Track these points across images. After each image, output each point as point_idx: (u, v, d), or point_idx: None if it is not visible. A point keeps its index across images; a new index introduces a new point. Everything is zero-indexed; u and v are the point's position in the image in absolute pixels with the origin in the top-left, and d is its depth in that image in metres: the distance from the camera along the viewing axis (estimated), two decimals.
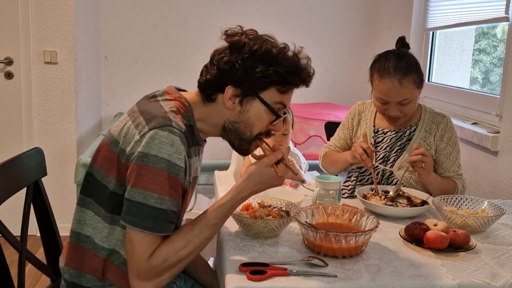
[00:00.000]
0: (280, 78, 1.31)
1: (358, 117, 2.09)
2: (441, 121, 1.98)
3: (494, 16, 2.50)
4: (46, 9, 3.15)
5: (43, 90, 3.24)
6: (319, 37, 4.05)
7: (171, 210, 1.25)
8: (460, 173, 1.97)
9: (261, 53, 1.30)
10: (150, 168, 1.21)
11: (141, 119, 1.28)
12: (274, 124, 1.37)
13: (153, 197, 1.21)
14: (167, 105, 1.32)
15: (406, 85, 1.83)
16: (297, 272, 1.23)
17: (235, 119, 1.35)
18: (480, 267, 1.31)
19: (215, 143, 1.71)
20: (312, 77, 1.37)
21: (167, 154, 1.22)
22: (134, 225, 1.22)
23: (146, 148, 1.21)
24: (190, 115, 1.35)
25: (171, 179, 1.23)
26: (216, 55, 1.34)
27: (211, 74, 1.33)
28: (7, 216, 1.75)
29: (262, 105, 1.33)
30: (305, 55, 1.36)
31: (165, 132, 1.23)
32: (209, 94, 1.35)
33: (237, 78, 1.30)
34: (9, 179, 1.44)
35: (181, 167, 1.24)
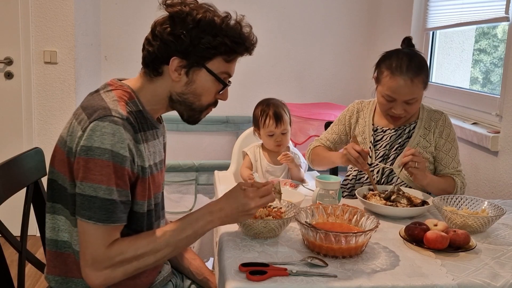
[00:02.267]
0: (226, 48, 1.31)
1: (357, 115, 2.09)
2: (439, 118, 1.99)
3: (494, 16, 2.50)
4: (46, 9, 3.15)
5: (43, 90, 3.24)
6: (319, 37, 4.05)
7: (119, 200, 1.23)
8: (459, 169, 1.98)
9: (205, 23, 1.29)
10: (96, 160, 1.20)
11: (83, 115, 1.27)
12: (221, 93, 1.38)
13: (102, 189, 1.20)
14: (108, 96, 1.31)
15: (417, 84, 1.84)
16: (297, 272, 1.23)
17: (182, 90, 1.34)
18: (480, 267, 1.31)
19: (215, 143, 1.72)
20: (255, 45, 1.38)
21: (110, 144, 1.20)
22: (88, 218, 1.21)
23: (88, 140, 1.21)
24: (135, 101, 1.34)
25: (116, 168, 1.21)
26: (157, 26, 1.32)
27: (154, 47, 1.32)
28: (7, 216, 1.75)
29: (209, 75, 1.33)
30: (247, 23, 1.36)
31: (105, 123, 1.21)
32: (155, 68, 1.33)
33: (182, 49, 1.29)
34: (9, 179, 1.44)
35: (125, 156, 1.23)
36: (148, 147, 1.34)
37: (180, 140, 3.98)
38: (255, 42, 1.37)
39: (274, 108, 2.28)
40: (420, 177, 1.80)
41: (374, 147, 2.01)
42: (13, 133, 3.25)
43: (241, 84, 3.99)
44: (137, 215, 1.32)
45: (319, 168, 2.18)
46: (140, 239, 1.27)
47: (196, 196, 3.24)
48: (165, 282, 1.50)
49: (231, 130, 4.01)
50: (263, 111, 2.29)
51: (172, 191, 3.24)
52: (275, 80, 4.04)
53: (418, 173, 1.79)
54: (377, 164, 1.98)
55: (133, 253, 1.24)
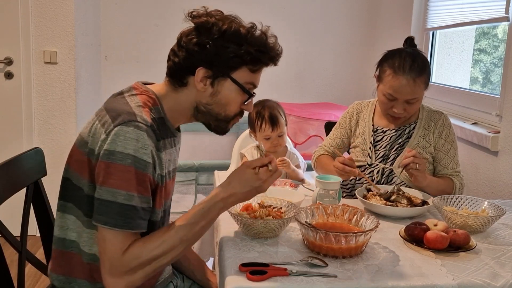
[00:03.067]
0: (251, 57, 1.31)
1: (356, 116, 2.09)
2: (439, 118, 1.99)
3: (494, 16, 2.50)
4: (46, 9, 3.15)
5: (43, 90, 3.24)
6: (319, 37, 4.05)
7: (140, 207, 1.23)
8: (458, 170, 1.98)
9: (231, 33, 1.28)
10: (117, 165, 1.19)
11: (107, 117, 1.26)
12: (246, 104, 1.37)
13: (121, 194, 1.20)
14: (133, 100, 1.30)
15: (419, 84, 1.85)
16: (297, 272, 1.23)
17: (207, 101, 1.34)
18: (480, 267, 1.31)
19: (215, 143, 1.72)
20: (280, 55, 1.38)
21: (133, 149, 1.20)
22: (105, 224, 1.20)
23: (111, 145, 1.20)
24: (158, 108, 1.33)
25: (138, 174, 1.21)
26: (183, 37, 1.32)
27: (180, 57, 1.31)
28: (7, 216, 1.75)
29: (234, 85, 1.32)
30: (272, 33, 1.36)
31: (130, 128, 1.21)
32: (179, 78, 1.33)
33: (208, 59, 1.29)
34: (9, 179, 1.44)
35: (148, 162, 1.23)
36: (165, 155, 1.34)
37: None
38: (281, 52, 1.37)
39: (270, 111, 2.27)
40: (420, 178, 1.80)
41: (374, 148, 2.01)
42: (13, 133, 3.25)
43: None
44: (152, 223, 1.32)
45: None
46: (153, 240, 1.25)
47: (196, 196, 3.24)
48: (166, 283, 1.50)
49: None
50: (259, 114, 2.28)
51: None
52: (275, 80, 4.04)
53: (418, 175, 1.79)
54: (377, 164, 1.98)
55: (148, 255, 1.23)
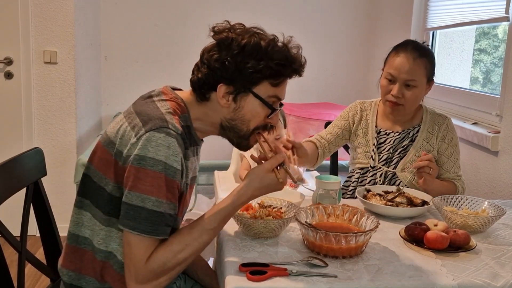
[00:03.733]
0: (271, 71, 1.30)
1: (360, 114, 2.07)
2: (443, 122, 1.99)
3: (494, 16, 2.50)
4: (46, 9, 3.15)
5: (43, 90, 3.24)
6: (319, 37, 4.05)
7: (168, 213, 1.23)
8: (459, 174, 1.98)
9: (250, 48, 1.28)
10: (148, 171, 1.20)
11: (137, 120, 1.27)
12: (270, 117, 1.37)
13: (150, 200, 1.20)
14: (163, 106, 1.30)
15: (418, 64, 1.87)
16: (297, 272, 1.23)
17: (231, 116, 1.34)
18: (481, 267, 1.31)
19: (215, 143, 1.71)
20: (304, 66, 1.36)
21: (164, 156, 1.20)
22: (132, 229, 1.21)
23: (143, 150, 1.20)
24: (186, 116, 1.34)
25: (168, 181, 1.22)
26: (205, 53, 1.32)
27: (202, 73, 1.31)
28: (7, 216, 1.75)
29: (257, 100, 1.32)
30: (296, 44, 1.35)
31: (161, 134, 1.21)
32: (202, 93, 1.33)
33: (228, 75, 1.29)
34: (9, 179, 1.44)
35: (178, 169, 1.23)
36: (187, 164, 1.34)
37: None
38: (304, 63, 1.36)
39: None
40: (429, 182, 1.81)
41: (377, 150, 2.01)
42: (13, 133, 3.25)
43: None
44: (173, 231, 1.32)
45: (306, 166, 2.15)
46: (177, 244, 1.25)
47: (196, 196, 3.24)
48: (169, 284, 1.50)
49: None
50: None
51: None
52: None
53: (428, 179, 1.79)
54: (380, 167, 1.98)
55: (173, 261, 1.24)
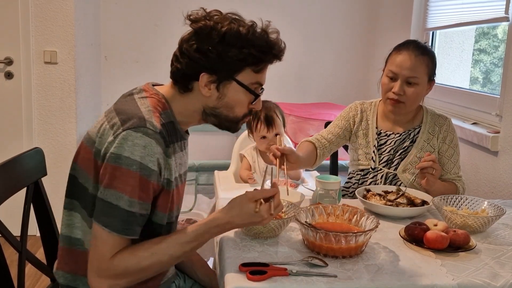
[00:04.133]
0: (253, 58, 1.29)
1: (361, 115, 2.06)
2: (444, 123, 1.99)
3: (494, 16, 2.50)
4: (46, 9, 3.15)
5: (43, 90, 3.24)
6: (319, 37, 4.05)
7: (139, 213, 1.23)
8: (460, 175, 1.99)
9: (231, 36, 1.27)
10: (123, 170, 1.19)
11: (116, 119, 1.26)
12: (254, 103, 1.37)
13: (124, 199, 1.20)
14: (143, 104, 1.29)
15: (420, 61, 1.88)
16: (297, 272, 1.23)
17: (214, 105, 1.33)
18: (480, 267, 1.31)
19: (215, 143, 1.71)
20: (284, 50, 1.35)
21: (140, 156, 1.20)
22: (105, 225, 1.20)
23: (119, 149, 1.20)
24: (168, 112, 1.33)
25: (142, 181, 1.21)
26: (184, 43, 1.31)
27: (183, 64, 1.30)
28: (7, 216, 1.75)
29: (240, 87, 1.32)
30: (274, 28, 1.34)
31: (138, 134, 1.20)
32: (184, 84, 1.32)
33: (210, 64, 1.28)
34: (9, 179, 1.44)
35: (153, 170, 1.22)
36: (175, 159, 1.33)
37: None
38: (284, 48, 1.35)
39: (266, 112, 2.27)
40: (431, 182, 1.81)
41: (378, 151, 2.00)
42: (13, 133, 3.25)
43: None
44: (156, 226, 1.31)
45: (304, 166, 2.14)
46: (143, 251, 1.24)
47: (196, 196, 3.24)
48: (169, 284, 1.50)
49: None
50: (255, 115, 2.29)
51: None
52: (275, 80, 4.04)
53: (431, 179, 1.79)
54: (381, 169, 1.98)
55: (136, 266, 1.23)
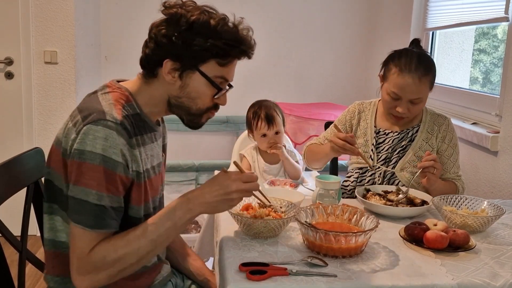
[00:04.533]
0: (219, 50, 1.28)
1: (358, 116, 2.08)
2: (443, 123, 1.99)
3: (494, 16, 2.50)
4: (46, 9, 3.15)
5: (43, 90, 3.24)
6: (319, 37, 4.05)
7: (111, 207, 1.22)
8: (459, 174, 1.99)
9: (198, 25, 1.27)
10: (87, 164, 1.19)
11: (78, 117, 1.26)
12: (218, 98, 1.35)
13: (92, 194, 1.19)
14: (105, 98, 1.29)
15: (424, 83, 1.84)
16: (297, 272, 1.23)
17: (177, 93, 1.33)
18: (480, 267, 1.31)
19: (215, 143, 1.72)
20: (253, 48, 1.35)
21: (102, 148, 1.19)
22: (78, 222, 1.20)
23: (81, 144, 1.20)
24: (133, 104, 1.32)
25: (108, 174, 1.20)
26: (153, 28, 1.31)
27: (150, 49, 1.31)
28: (7, 216, 1.74)
29: (203, 78, 1.31)
30: (247, 25, 1.34)
31: (99, 127, 1.20)
32: (150, 69, 1.32)
33: (175, 51, 1.28)
34: (9, 179, 1.44)
35: (117, 161, 1.21)
36: (145, 151, 1.33)
37: (180, 140, 3.98)
38: (254, 45, 1.35)
39: (266, 110, 2.30)
40: (432, 181, 1.80)
41: (376, 150, 2.01)
42: (13, 133, 3.25)
43: (241, 84, 3.98)
44: (133, 220, 1.31)
45: (314, 166, 2.14)
46: (119, 239, 1.24)
47: None
48: (165, 282, 1.50)
49: (231, 130, 4.01)
50: (255, 114, 2.32)
51: (172, 191, 3.24)
52: (275, 80, 4.04)
53: (432, 178, 1.79)
54: (379, 167, 1.98)
55: (114, 255, 1.22)
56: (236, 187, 1.27)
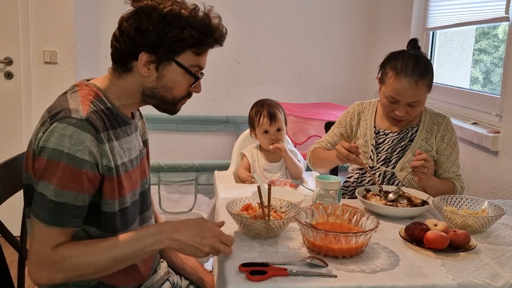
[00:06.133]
0: (194, 40, 1.30)
1: (358, 117, 2.08)
2: (442, 122, 1.98)
3: (494, 16, 2.50)
4: (46, 9, 3.15)
5: (43, 90, 3.24)
6: (319, 37, 4.05)
7: (72, 204, 1.21)
8: (459, 173, 1.98)
9: (172, 17, 1.27)
10: (51, 162, 1.19)
11: (46, 117, 1.26)
12: (194, 86, 1.37)
13: (51, 190, 1.19)
14: (72, 97, 1.29)
15: (421, 87, 1.83)
16: (297, 272, 1.23)
17: (152, 85, 1.33)
18: (480, 267, 1.31)
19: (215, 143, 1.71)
20: (225, 36, 1.36)
21: (66, 147, 1.19)
22: (35, 216, 1.21)
23: (46, 142, 1.20)
24: (102, 99, 1.32)
25: (71, 171, 1.19)
26: (124, 22, 1.30)
27: (122, 43, 1.30)
28: (7, 216, 1.74)
29: (179, 68, 1.32)
30: (216, 14, 1.35)
31: (63, 124, 1.20)
32: (123, 63, 1.32)
33: (150, 44, 1.28)
34: (9, 179, 1.44)
35: (82, 159, 1.20)
36: (120, 144, 1.32)
37: (180, 140, 3.98)
38: (225, 33, 1.36)
39: (268, 108, 2.33)
40: (424, 180, 1.81)
41: (375, 150, 2.01)
42: (13, 133, 3.25)
43: (241, 84, 3.99)
44: (107, 215, 1.29)
45: (320, 169, 2.17)
46: (85, 246, 1.24)
47: (196, 196, 3.24)
48: (162, 281, 1.50)
49: (231, 130, 4.01)
50: (258, 111, 2.34)
51: (172, 191, 3.24)
52: (275, 80, 4.04)
53: (423, 177, 1.79)
54: (379, 167, 1.98)
55: (75, 260, 1.21)
56: (211, 242, 1.27)
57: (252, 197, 1.57)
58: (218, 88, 3.95)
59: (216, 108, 3.99)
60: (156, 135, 3.69)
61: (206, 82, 2.16)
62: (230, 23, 1.41)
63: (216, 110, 3.99)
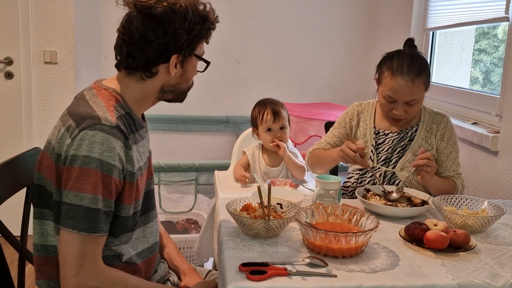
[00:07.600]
0: (207, 31, 1.37)
1: (357, 118, 2.08)
2: (441, 121, 1.99)
3: (494, 16, 2.50)
4: (46, 9, 3.15)
5: (43, 90, 3.24)
6: (319, 37, 4.05)
7: (104, 211, 1.23)
8: (459, 172, 1.98)
9: (193, 14, 1.33)
10: (83, 169, 1.20)
11: (70, 121, 1.26)
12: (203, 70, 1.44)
13: (87, 198, 1.20)
14: (95, 101, 1.30)
15: (418, 85, 1.84)
16: (297, 272, 1.23)
17: (176, 81, 1.38)
18: (480, 267, 1.31)
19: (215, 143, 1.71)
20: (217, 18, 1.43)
21: (98, 153, 1.20)
22: (72, 228, 1.20)
23: (77, 150, 1.20)
24: (122, 103, 1.33)
25: (104, 178, 1.21)
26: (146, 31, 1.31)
27: (151, 51, 1.31)
28: (7, 216, 1.74)
29: (196, 59, 1.39)
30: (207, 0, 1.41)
31: (94, 131, 1.21)
32: (148, 70, 1.34)
33: (180, 45, 1.33)
34: (9, 179, 1.44)
35: (113, 165, 1.22)
36: (137, 148, 1.34)
37: (180, 140, 3.98)
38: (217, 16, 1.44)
39: (272, 106, 2.30)
40: (427, 179, 1.81)
41: (375, 150, 2.01)
42: (13, 133, 3.25)
43: (241, 84, 3.99)
44: (123, 219, 1.31)
45: (318, 171, 2.16)
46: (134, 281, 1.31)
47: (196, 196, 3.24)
48: (163, 281, 1.50)
49: (231, 130, 4.01)
50: (261, 109, 2.30)
51: (172, 191, 3.24)
52: (275, 80, 4.04)
53: (426, 176, 1.80)
54: (379, 167, 1.98)
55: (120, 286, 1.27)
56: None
57: (252, 197, 1.57)
58: (218, 88, 3.95)
59: (216, 108, 3.99)
60: (156, 135, 3.69)
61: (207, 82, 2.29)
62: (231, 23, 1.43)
63: (216, 110, 4.00)
